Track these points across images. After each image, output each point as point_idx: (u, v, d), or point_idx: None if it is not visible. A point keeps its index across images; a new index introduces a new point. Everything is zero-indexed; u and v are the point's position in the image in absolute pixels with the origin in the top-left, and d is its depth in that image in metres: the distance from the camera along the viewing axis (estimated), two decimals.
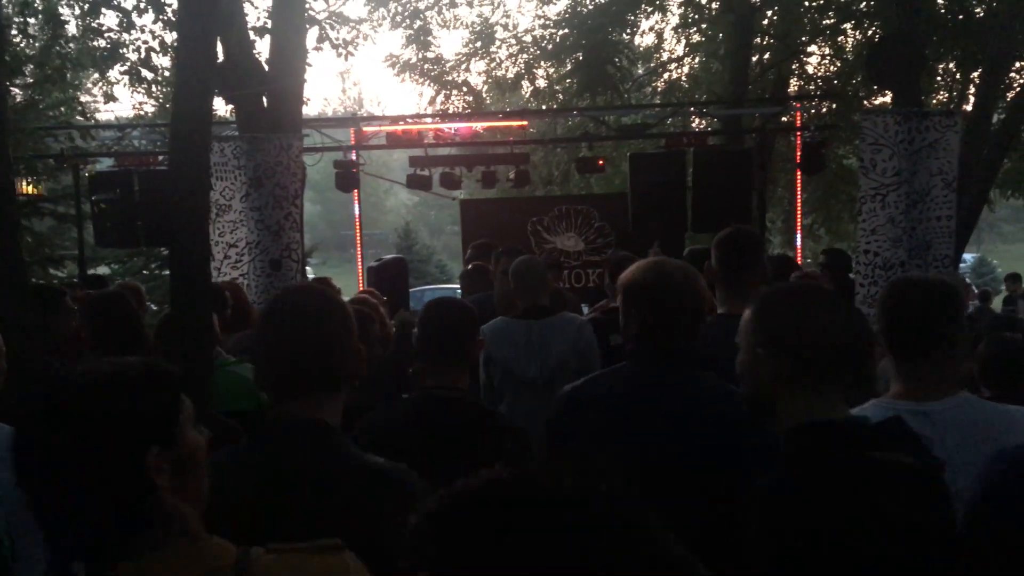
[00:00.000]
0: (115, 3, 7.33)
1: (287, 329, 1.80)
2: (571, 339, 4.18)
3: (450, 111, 15.07)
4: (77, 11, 10.28)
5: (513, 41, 15.82)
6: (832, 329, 1.72)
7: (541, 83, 15.84)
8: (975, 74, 12.15)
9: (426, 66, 15.43)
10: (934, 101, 13.89)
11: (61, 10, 10.79)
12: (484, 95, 16.59)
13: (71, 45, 10.88)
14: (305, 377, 1.77)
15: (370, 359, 2.04)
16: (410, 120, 11.30)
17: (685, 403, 2.26)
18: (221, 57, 7.39)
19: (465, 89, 15.74)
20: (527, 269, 4.37)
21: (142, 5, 7.39)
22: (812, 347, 1.72)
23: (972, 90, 12.49)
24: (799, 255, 11.31)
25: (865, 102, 13.13)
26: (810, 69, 15.62)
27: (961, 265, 32.30)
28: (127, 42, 8.01)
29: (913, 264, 7.50)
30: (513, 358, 4.15)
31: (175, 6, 7.71)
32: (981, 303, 15.54)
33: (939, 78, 13.90)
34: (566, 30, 14.06)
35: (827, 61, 15.59)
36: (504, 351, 4.16)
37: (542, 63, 15.32)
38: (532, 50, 15.33)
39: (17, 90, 10.98)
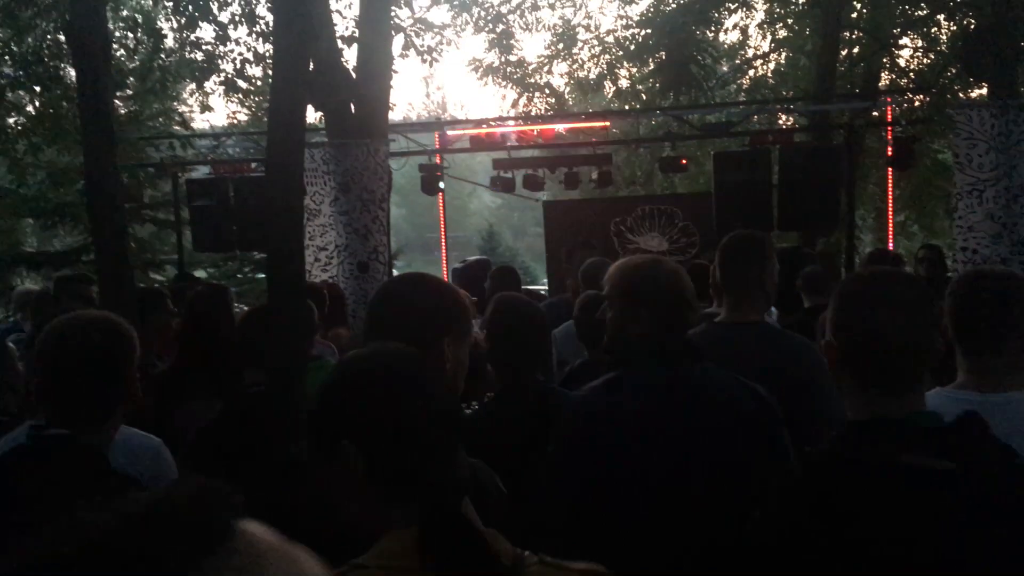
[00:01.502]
0: (211, 17, 7.63)
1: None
2: None
3: (532, 113, 15.16)
4: (175, 24, 10.71)
5: (595, 42, 15.83)
6: (898, 327, 1.61)
7: (624, 83, 15.80)
8: None
9: (509, 69, 15.55)
10: None
11: (160, 24, 11.27)
12: (566, 97, 16.62)
13: (169, 58, 11.36)
14: None
15: None
16: (493, 123, 11.43)
17: (705, 402, 2.23)
18: (311, 66, 7.63)
19: (548, 91, 15.82)
20: (597, 271, 4.38)
21: (237, 19, 7.67)
22: (872, 342, 1.62)
23: None
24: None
25: (960, 95, 12.74)
26: (901, 62, 15.22)
27: None
28: (222, 54, 8.35)
29: (1015, 261, 7.26)
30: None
31: (268, 19, 7.97)
32: None
33: None
34: (648, 30, 14.00)
35: (919, 54, 15.15)
36: (576, 354, 4.18)
37: (624, 63, 15.28)
38: (614, 50, 15.31)
39: (119, 102, 11.49)
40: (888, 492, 1.51)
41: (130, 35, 12.61)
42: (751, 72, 16.81)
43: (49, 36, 9.92)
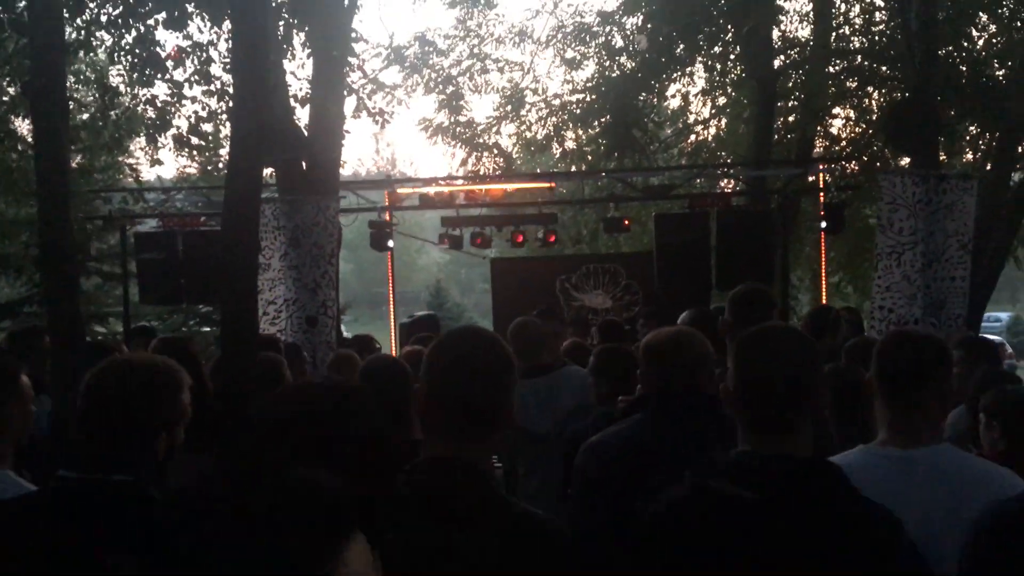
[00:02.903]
0: (168, 77, 7.81)
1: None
2: (578, 390, 4.38)
3: (481, 172, 15.47)
4: (127, 80, 10.83)
5: (543, 105, 16.24)
6: (776, 375, 1.86)
7: (570, 145, 16.21)
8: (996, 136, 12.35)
9: (458, 129, 15.87)
10: (962, 161, 14.08)
11: (112, 80, 11.37)
12: (514, 156, 16.99)
13: (123, 113, 11.45)
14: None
15: None
16: (442, 182, 11.68)
17: (706, 447, 2.44)
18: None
19: (496, 151, 16.15)
20: (523, 330, 4.63)
21: (194, 78, 7.86)
22: (747, 383, 1.91)
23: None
24: None
25: (890, 163, 13.36)
26: (834, 131, 15.90)
27: (996, 324, 31.99)
28: (176, 110, 8.50)
29: (927, 322, 7.63)
30: (525, 417, 4.32)
31: (223, 78, 8.16)
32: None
33: (965, 139, 14.10)
34: (594, 96, 14.47)
35: (851, 123, 15.86)
36: (520, 414, 4.35)
37: (571, 125, 15.72)
38: (561, 113, 15.74)
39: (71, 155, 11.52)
40: (703, 514, 1.82)
41: (82, 88, 12.67)
42: (692, 137, 17.39)
43: (2, 88, 9.98)
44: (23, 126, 10.79)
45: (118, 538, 1.91)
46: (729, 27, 13.11)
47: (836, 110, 15.50)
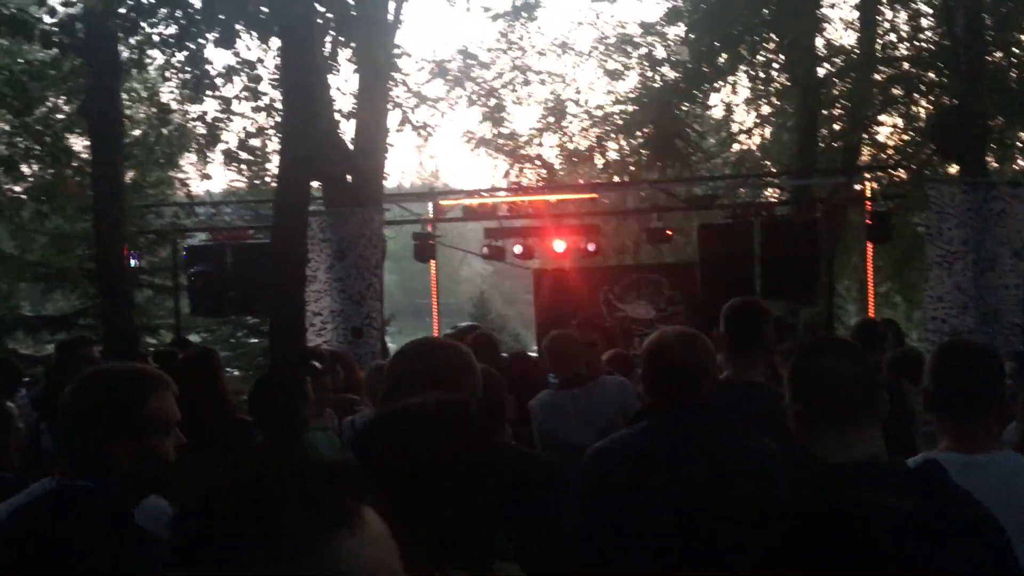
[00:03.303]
0: (218, 94, 8.00)
1: None
2: (615, 400, 4.40)
3: (524, 184, 15.53)
4: (178, 97, 11.09)
5: (585, 116, 16.29)
6: (837, 376, 1.95)
7: (612, 155, 16.22)
8: None
9: (501, 141, 15.97)
10: (1013, 168, 13.85)
11: (164, 97, 11.67)
12: (557, 168, 17.05)
13: (174, 130, 11.72)
14: None
15: None
16: (485, 193, 11.76)
17: (708, 453, 2.50)
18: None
19: (538, 162, 16.22)
20: (558, 342, 4.67)
21: (243, 95, 8.05)
22: (818, 392, 1.96)
23: None
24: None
25: (938, 170, 13.17)
26: (881, 138, 15.72)
27: None
28: (225, 127, 8.69)
29: (981, 332, 7.52)
30: (563, 428, 4.36)
31: (271, 94, 8.33)
32: None
33: (1015, 146, 13.87)
34: (635, 107, 14.48)
35: (897, 131, 15.67)
36: (555, 422, 4.39)
37: (613, 136, 15.74)
38: (603, 124, 15.77)
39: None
40: (855, 528, 1.77)
41: (135, 105, 12.98)
42: (735, 146, 17.30)
43: (58, 107, 10.29)
44: (79, 143, 11.09)
45: (73, 542, 1.95)
46: (772, 36, 13.05)
47: (882, 118, 15.34)
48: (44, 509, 2.05)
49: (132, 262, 9.66)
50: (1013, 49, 12.20)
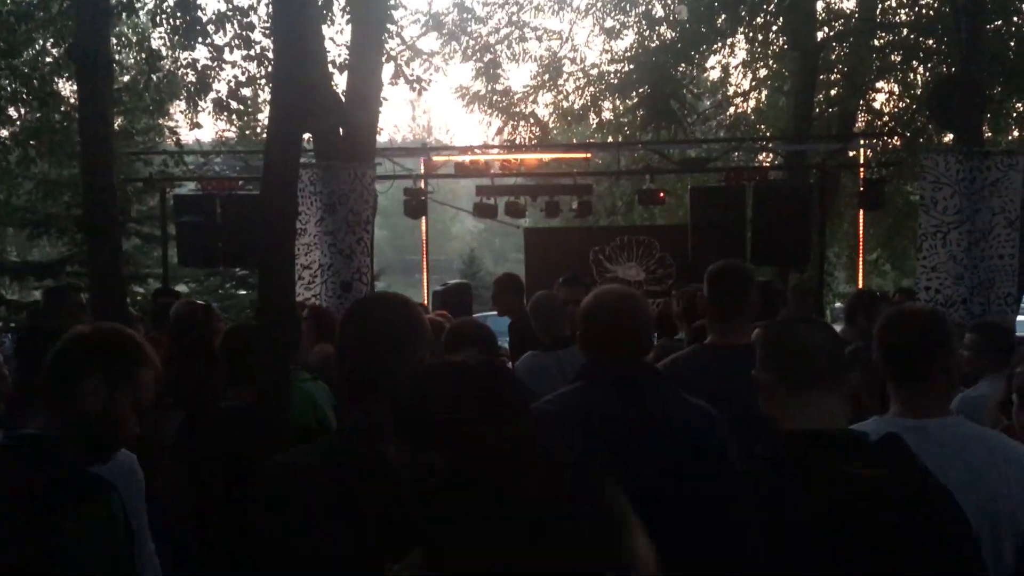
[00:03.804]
0: (208, 40, 7.86)
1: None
2: None
3: (517, 142, 15.43)
4: (168, 43, 10.89)
5: (580, 74, 16.16)
6: (807, 346, 2.01)
7: (607, 115, 16.12)
8: None
9: (495, 97, 15.84)
10: (1007, 139, 13.81)
11: (154, 43, 11.46)
12: (550, 126, 16.93)
13: (163, 77, 11.55)
14: None
15: None
16: (478, 150, 11.67)
17: (641, 414, 2.47)
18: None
19: (532, 120, 16.10)
20: (543, 304, 4.64)
21: (234, 42, 7.90)
22: (788, 360, 2.03)
23: None
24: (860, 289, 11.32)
25: (933, 139, 13.13)
26: (877, 105, 15.65)
27: None
28: (216, 75, 8.56)
29: (976, 302, 7.54)
30: (548, 390, 4.33)
31: (263, 43, 8.20)
32: None
33: (1011, 116, 13.81)
34: (632, 66, 14.34)
35: (894, 98, 15.59)
36: (541, 384, 4.37)
37: (608, 96, 15.61)
38: (598, 83, 15.64)
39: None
40: (828, 494, 1.80)
41: (124, 51, 12.77)
42: (731, 109, 17.19)
43: (46, 50, 10.12)
44: (67, 87, 10.92)
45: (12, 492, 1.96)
46: None
47: (879, 84, 15.26)
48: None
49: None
50: (1013, 18, 12.09)
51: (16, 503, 1.94)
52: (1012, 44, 11.66)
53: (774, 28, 14.27)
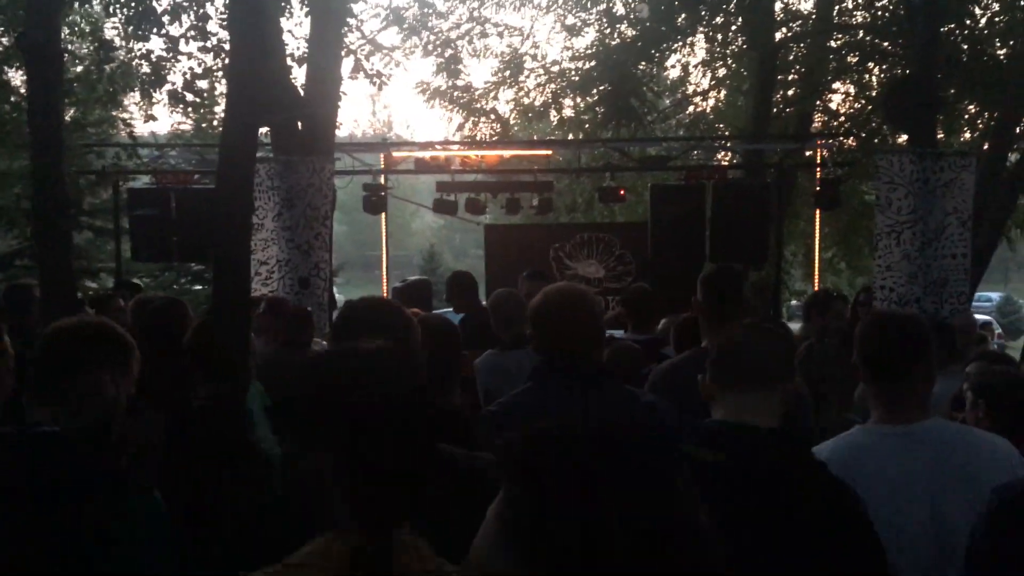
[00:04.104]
0: (163, 32, 7.72)
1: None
2: None
3: (477, 138, 15.39)
4: (122, 33, 10.70)
5: (541, 71, 16.15)
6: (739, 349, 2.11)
7: (568, 113, 16.14)
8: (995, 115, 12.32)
9: (455, 93, 15.77)
10: (960, 140, 14.06)
11: (107, 33, 11.23)
12: (511, 123, 16.91)
13: (117, 68, 11.34)
14: None
15: None
16: (438, 147, 11.62)
17: (593, 411, 2.49)
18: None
19: (493, 117, 16.07)
20: (504, 301, 4.60)
21: (190, 34, 7.77)
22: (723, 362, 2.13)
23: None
24: (816, 287, 11.47)
25: (888, 139, 13.33)
26: (833, 106, 15.84)
27: (987, 304, 32.13)
28: (171, 66, 8.41)
29: (929, 300, 7.68)
30: (507, 390, 4.30)
31: (220, 34, 8.07)
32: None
33: (964, 118, 14.07)
34: (593, 63, 14.37)
35: (850, 99, 15.80)
36: (500, 384, 4.34)
37: (569, 93, 15.63)
38: (559, 81, 15.65)
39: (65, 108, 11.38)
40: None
41: (77, 40, 12.52)
42: (691, 108, 17.31)
43: None
44: (17, 77, 10.67)
45: (36, 487, 1.91)
46: None
47: (836, 85, 15.45)
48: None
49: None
50: (967, 21, 12.31)
51: (54, 500, 1.89)
52: (966, 47, 11.87)
53: (733, 28, 14.39)
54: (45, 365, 2.12)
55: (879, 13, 13.87)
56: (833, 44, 14.22)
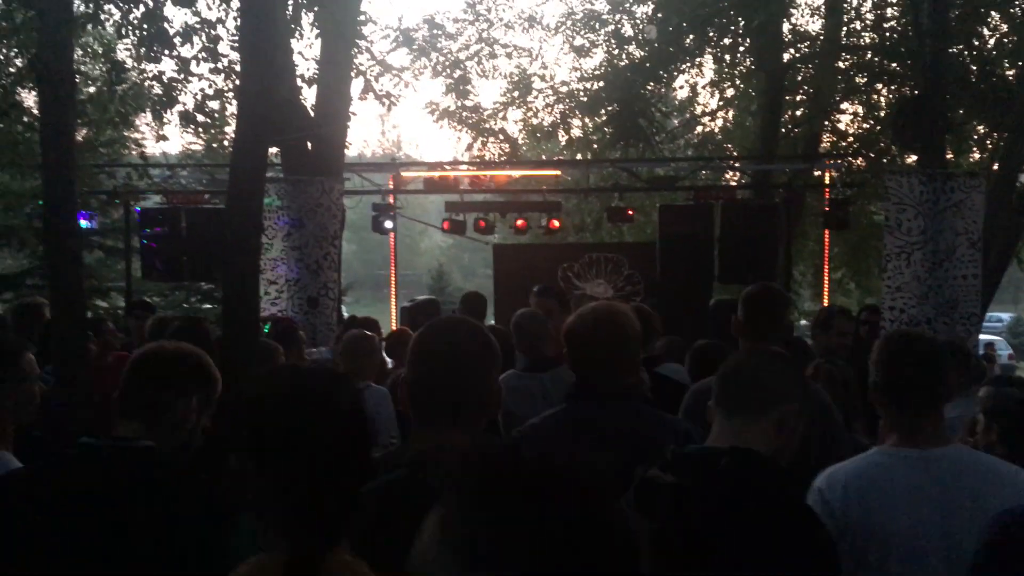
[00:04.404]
0: (175, 53, 7.78)
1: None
2: None
3: (486, 158, 15.44)
4: (134, 54, 10.77)
5: (550, 92, 16.20)
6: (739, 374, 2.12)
7: (576, 133, 16.19)
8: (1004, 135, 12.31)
9: (464, 114, 15.84)
10: (969, 160, 14.04)
11: (120, 54, 11.30)
12: (520, 143, 16.96)
13: (128, 89, 11.43)
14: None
15: None
16: (447, 166, 11.66)
17: (622, 433, 2.47)
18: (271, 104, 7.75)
19: (501, 137, 16.12)
20: (528, 321, 4.52)
21: (201, 55, 7.83)
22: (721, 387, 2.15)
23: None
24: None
25: (896, 160, 13.32)
26: (842, 126, 15.86)
27: (997, 324, 31.98)
28: (182, 88, 8.47)
29: (940, 322, 7.63)
30: (533, 414, 4.27)
31: (231, 56, 8.13)
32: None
33: (972, 138, 14.05)
34: (601, 83, 14.43)
35: (859, 119, 15.82)
36: (523, 407, 4.31)
37: (577, 113, 15.68)
38: (568, 101, 15.70)
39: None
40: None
41: (89, 62, 12.61)
42: (699, 128, 17.34)
43: (9, 60, 9.97)
44: (29, 98, 10.75)
45: (138, 498, 1.94)
46: (739, 19, 13.05)
47: (844, 105, 15.47)
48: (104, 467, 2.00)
49: (83, 223, 9.44)
50: (975, 42, 12.33)
51: (174, 514, 1.93)
52: (974, 67, 11.88)
53: (741, 49, 14.44)
54: (143, 380, 2.14)
55: (887, 34, 13.92)
56: (841, 65, 14.26)
